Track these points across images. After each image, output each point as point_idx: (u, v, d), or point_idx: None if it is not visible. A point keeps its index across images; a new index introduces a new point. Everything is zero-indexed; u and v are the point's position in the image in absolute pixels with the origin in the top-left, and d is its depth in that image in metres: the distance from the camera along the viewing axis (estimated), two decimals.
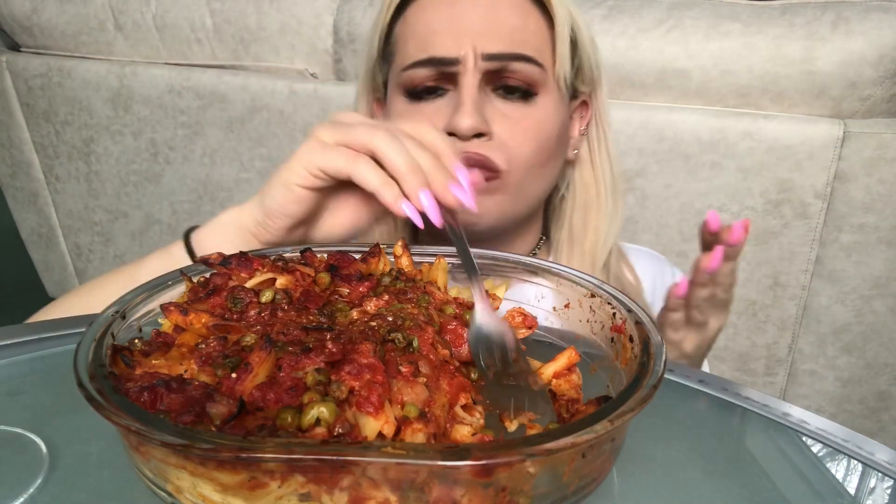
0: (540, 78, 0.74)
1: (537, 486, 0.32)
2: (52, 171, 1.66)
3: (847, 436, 0.47)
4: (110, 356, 0.37)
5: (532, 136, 0.75)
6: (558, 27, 0.75)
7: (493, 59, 0.72)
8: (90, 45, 1.50)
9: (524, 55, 0.73)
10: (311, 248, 0.52)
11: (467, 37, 0.72)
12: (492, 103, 0.74)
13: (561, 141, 0.80)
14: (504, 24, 0.73)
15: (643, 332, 0.41)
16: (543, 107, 0.76)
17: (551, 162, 0.79)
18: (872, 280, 1.06)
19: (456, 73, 0.72)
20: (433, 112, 0.74)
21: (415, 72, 0.74)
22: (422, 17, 0.75)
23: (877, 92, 1.01)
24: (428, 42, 0.73)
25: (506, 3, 0.74)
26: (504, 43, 0.72)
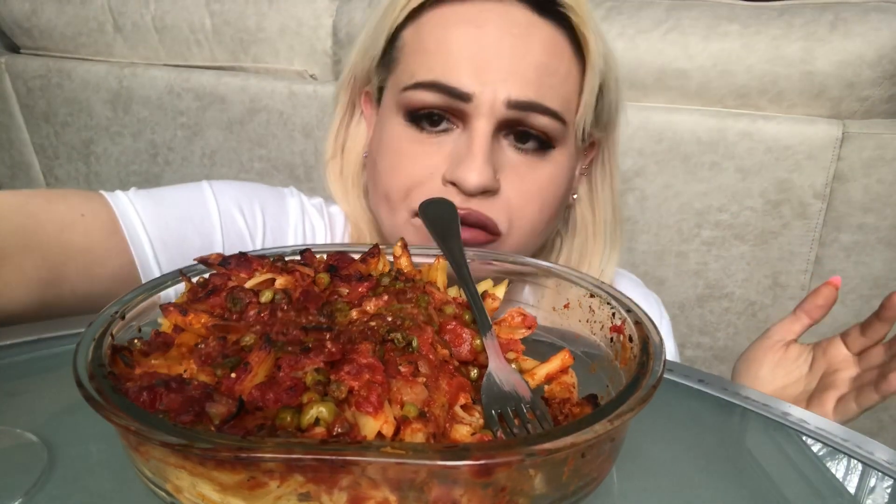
0: (559, 133, 0.66)
1: (537, 486, 0.32)
2: (51, 172, 1.66)
3: (846, 435, 0.47)
4: (110, 356, 0.37)
5: (539, 198, 0.67)
6: (589, 77, 0.66)
7: (516, 108, 0.63)
8: (89, 47, 1.50)
9: (550, 109, 0.64)
10: (310, 248, 0.52)
11: (490, 73, 0.62)
12: (503, 152, 0.65)
13: (567, 194, 0.73)
14: (535, 64, 0.63)
15: (642, 331, 0.41)
16: (557, 162, 0.68)
17: (554, 218, 0.72)
18: (872, 280, 1.06)
19: (467, 111, 0.63)
20: (435, 149, 0.65)
21: (419, 94, 0.64)
22: (440, 31, 0.65)
23: (875, 93, 1.01)
24: (441, 64, 0.63)
25: (540, 38, 0.64)
26: (531, 89, 0.63)
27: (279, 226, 0.78)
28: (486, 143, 0.63)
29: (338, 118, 0.79)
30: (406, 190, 0.66)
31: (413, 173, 0.66)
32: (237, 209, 0.74)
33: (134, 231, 0.67)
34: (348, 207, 0.81)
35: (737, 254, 1.12)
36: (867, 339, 0.69)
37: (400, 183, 0.67)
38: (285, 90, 1.33)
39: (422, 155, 0.66)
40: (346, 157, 0.80)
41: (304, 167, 1.38)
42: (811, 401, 0.70)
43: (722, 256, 1.14)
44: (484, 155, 0.62)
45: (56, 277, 0.60)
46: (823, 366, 0.72)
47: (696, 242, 1.14)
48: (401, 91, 0.67)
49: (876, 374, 0.66)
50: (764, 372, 0.75)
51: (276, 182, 1.42)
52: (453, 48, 0.63)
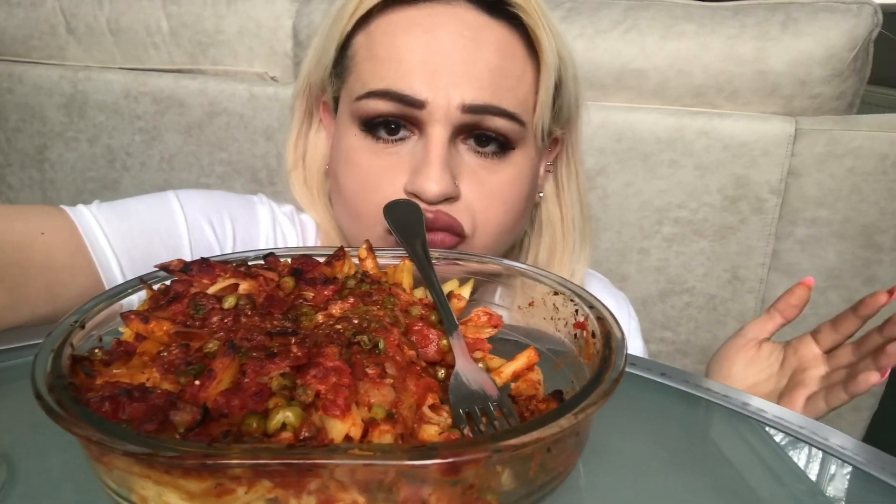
0: (518, 134, 0.65)
1: (504, 482, 0.32)
2: (3, 179, 1.61)
3: (803, 422, 0.49)
4: (69, 367, 0.36)
5: (503, 198, 0.67)
6: (544, 76, 0.65)
7: (471, 112, 0.62)
8: (41, 50, 1.47)
9: (506, 111, 0.63)
10: (273, 252, 0.51)
11: (443, 77, 0.61)
12: (461, 157, 0.65)
13: (531, 195, 0.72)
14: (488, 67, 0.62)
15: (605, 327, 0.41)
16: (517, 163, 0.67)
17: (521, 219, 0.72)
18: (826, 272, 1.10)
19: (422, 118, 0.62)
20: (394, 160, 0.65)
21: (371, 103, 0.64)
22: (390, 37, 0.64)
23: (826, 90, 1.04)
24: (392, 71, 0.63)
25: (492, 40, 0.63)
26: (486, 92, 0.62)
27: (250, 236, 0.76)
28: (442, 151, 0.62)
29: (296, 128, 0.78)
30: (375, 205, 0.64)
31: (380, 189, 0.65)
32: (205, 220, 0.72)
33: (99, 247, 0.64)
34: (317, 216, 0.80)
35: (696, 249, 1.15)
36: (838, 335, 0.71)
37: (371, 202, 0.65)
38: (245, 92, 1.31)
39: (383, 168, 0.65)
40: (309, 167, 0.78)
41: (266, 170, 1.36)
42: (782, 398, 0.71)
43: (682, 252, 1.16)
44: (441, 162, 0.62)
45: (15, 301, 0.57)
46: (794, 364, 0.73)
47: (657, 239, 1.16)
48: (354, 101, 0.66)
49: (845, 374, 0.67)
50: (736, 369, 0.76)
51: (238, 186, 1.40)
52: (404, 55, 0.62)
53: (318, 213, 0.79)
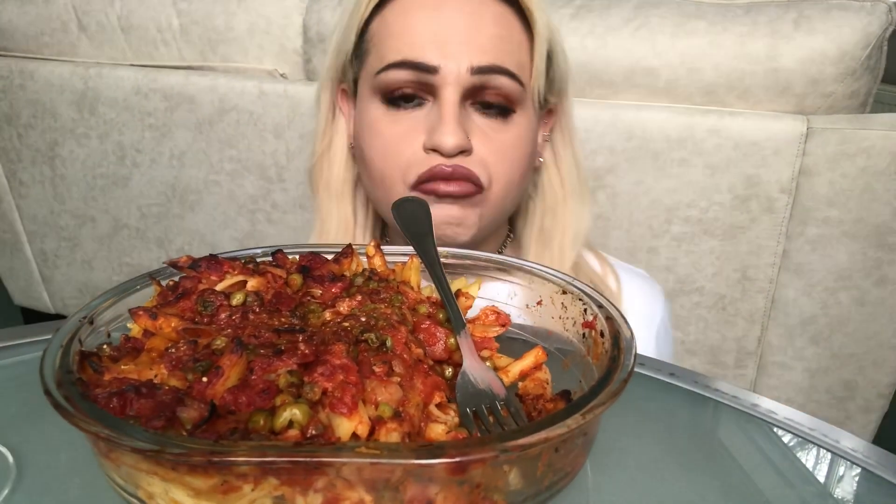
0: (519, 95, 0.73)
1: (512, 481, 0.32)
2: (15, 175, 1.62)
3: (814, 424, 0.48)
4: (78, 362, 0.36)
5: (510, 154, 0.74)
6: (538, 44, 0.74)
7: (478, 73, 0.70)
8: (53, 47, 1.47)
9: (508, 70, 0.71)
10: (282, 249, 0.51)
11: (451, 46, 0.70)
12: (471, 118, 0.73)
13: (533, 154, 0.80)
14: (489, 35, 0.71)
15: (613, 327, 0.41)
16: (519, 124, 0.75)
17: (525, 176, 0.79)
18: (837, 272, 1.09)
19: (435, 83, 0.70)
20: (412, 124, 0.72)
21: (391, 74, 0.71)
22: (403, 17, 0.72)
23: (838, 89, 1.03)
24: (407, 44, 0.71)
25: (491, 13, 0.72)
26: (489, 56, 0.70)
27: None
28: (455, 109, 0.70)
29: (323, 119, 0.83)
30: (399, 168, 0.73)
31: (400, 152, 0.72)
32: None
33: None
34: (327, 208, 0.84)
35: (706, 248, 1.14)
36: None
37: (392, 163, 0.73)
38: (255, 90, 1.31)
39: (402, 132, 0.72)
40: (333, 154, 0.84)
41: (275, 167, 1.37)
42: None
43: (692, 251, 1.15)
44: (455, 119, 0.70)
45: None
46: None
47: (666, 238, 1.16)
48: (374, 76, 0.73)
49: None
50: None
51: (247, 184, 1.41)
52: (416, 30, 0.71)
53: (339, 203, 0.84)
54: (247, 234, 1.48)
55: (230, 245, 1.49)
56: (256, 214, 1.44)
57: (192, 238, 1.53)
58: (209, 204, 1.47)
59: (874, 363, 1.13)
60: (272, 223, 1.44)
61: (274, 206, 1.42)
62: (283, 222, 1.42)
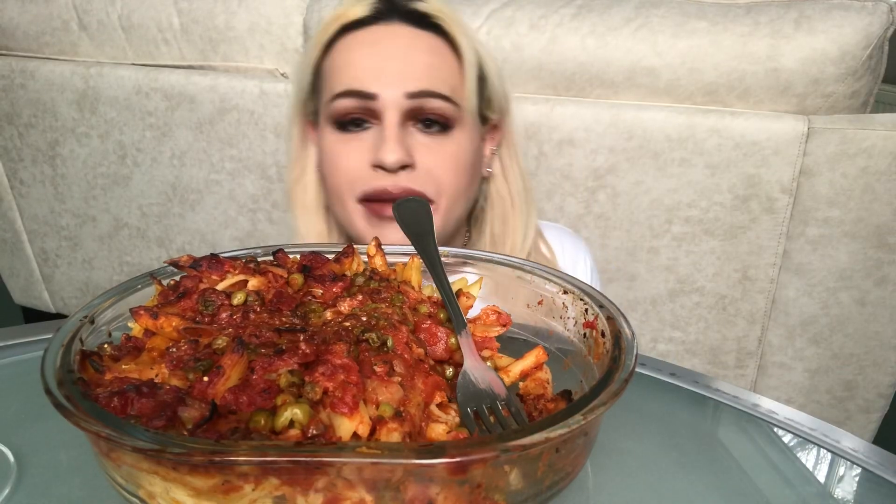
0: (454, 113, 0.82)
1: (512, 481, 0.32)
2: (15, 174, 1.62)
3: (814, 425, 0.48)
4: (79, 362, 0.36)
5: (453, 165, 0.82)
6: (466, 68, 0.83)
7: (413, 97, 0.79)
8: (54, 46, 1.47)
9: (439, 93, 0.80)
10: (283, 248, 0.51)
11: (388, 75, 0.79)
12: (413, 136, 0.81)
13: (476, 165, 0.88)
14: (422, 64, 0.80)
15: (614, 327, 0.41)
16: (459, 138, 0.83)
17: (472, 184, 0.88)
18: (837, 272, 1.09)
19: (377, 108, 0.79)
20: (360, 144, 0.81)
21: (338, 103, 0.81)
22: (346, 54, 0.82)
23: (839, 89, 1.03)
24: (350, 76, 0.80)
25: (423, 45, 0.82)
26: (422, 82, 0.79)
27: None
28: (395, 130, 0.79)
29: (295, 147, 0.93)
30: (348, 182, 0.82)
31: (349, 167, 0.82)
32: None
33: None
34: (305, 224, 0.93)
35: (707, 248, 1.14)
36: None
37: (343, 179, 0.82)
38: (256, 89, 1.31)
39: (351, 151, 0.82)
40: (307, 178, 0.93)
41: (276, 167, 1.37)
42: None
43: (692, 251, 1.15)
44: (395, 137, 0.78)
45: None
46: None
47: (666, 238, 1.15)
48: (327, 106, 0.83)
49: None
50: None
51: (248, 183, 1.41)
52: (357, 63, 0.81)
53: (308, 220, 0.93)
54: (247, 234, 1.48)
55: (231, 244, 1.49)
56: (257, 214, 1.44)
57: (192, 237, 1.53)
58: (210, 203, 1.47)
59: (874, 363, 1.13)
60: (273, 223, 1.44)
61: (274, 205, 1.42)
62: (284, 222, 1.42)
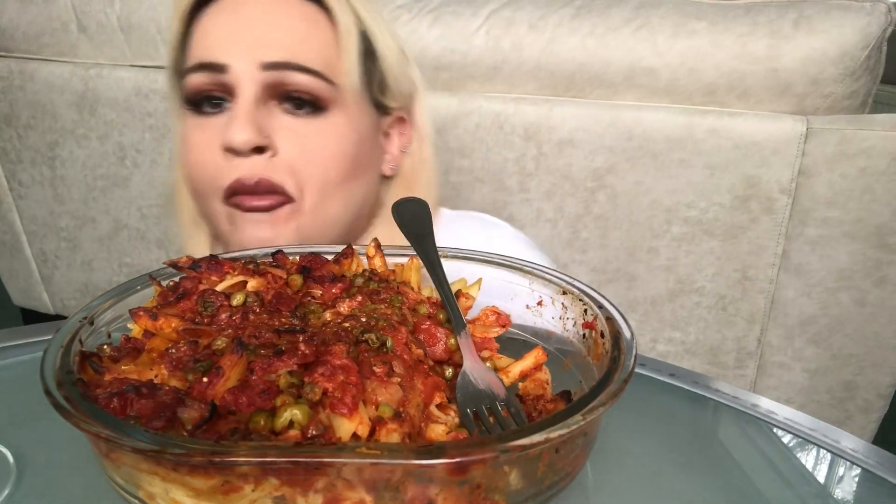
0: (328, 92, 0.69)
1: (512, 482, 0.32)
2: (14, 176, 1.62)
3: (813, 425, 0.48)
4: (78, 363, 0.36)
5: (322, 154, 0.70)
6: (342, 39, 0.70)
7: (271, 69, 0.67)
8: (53, 47, 1.47)
9: (304, 66, 0.68)
10: (282, 249, 0.51)
11: (242, 44, 0.68)
12: (276, 118, 0.69)
13: (362, 159, 0.74)
14: (285, 32, 0.69)
15: (614, 327, 0.41)
16: (334, 123, 0.70)
17: (354, 181, 0.73)
18: (837, 273, 1.09)
19: (229, 82, 0.68)
20: (214, 129, 0.69)
21: (190, 79, 0.70)
22: (205, 22, 0.71)
23: (838, 89, 1.03)
24: (202, 47, 0.69)
25: (289, 12, 0.70)
26: (283, 52, 0.68)
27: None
28: (248, 107, 0.66)
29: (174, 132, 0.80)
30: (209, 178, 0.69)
31: (206, 160, 0.69)
32: None
33: None
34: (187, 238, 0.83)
35: (706, 249, 1.14)
36: None
37: (202, 174, 0.70)
38: None
39: (206, 139, 0.69)
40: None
41: None
42: None
43: (692, 252, 1.15)
44: (246, 115, 0.66)
45: None
46: None
47: (666, 238, 1.15)
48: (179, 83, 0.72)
49: None
50: None
51: None
52: (211, 32, 0.70)
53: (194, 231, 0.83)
54: None
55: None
56: None
57: None
58: None
59: (874, 364, 1.13)
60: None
61: None
62: None
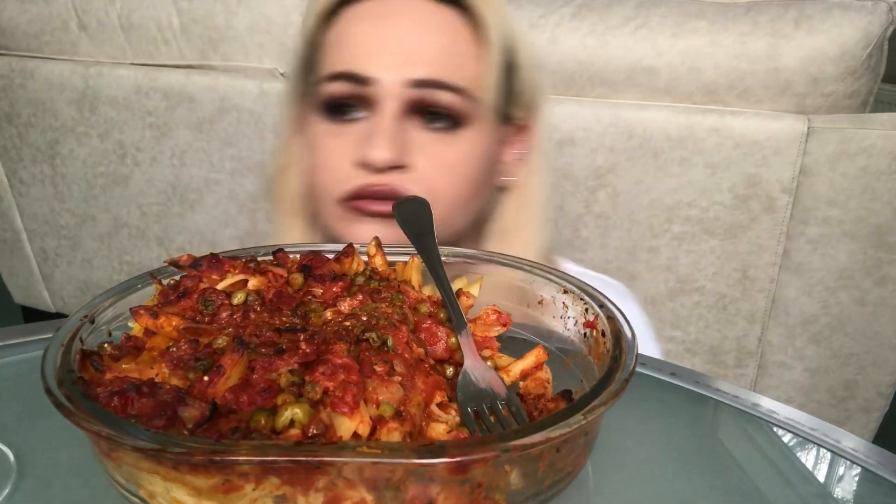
0: (467, 110, 0.68)
1: (513, 481, 0.32)
2: (15, 174, 1.62)
3: (814, 424, 0.48)
4: (79, 361, 0.36)
5: (455, 172, 0.69)
6: (490, 55, 0.69)
7: (418, 87, 0.66)
8: (53, 46, 1.47)
9: (451, 85, 0.67)
10: (283, 248, 0.51)
11: (389, 57, 0.66)
12: (412, 133, 0.68)
13: (488, 173, 0.74)
14: (433, 46, 0.67)
15: (615, 326, 0.41)
16: (469, 140, 0.70)
17: (477, 197, 0.73)
18: (837, 272, 1.09)
19: (373, 96, 0.67)
20: (349, 138, 0.68)
21: (329, 86, 0.69)
22: (346, 28, 0.69)
23: (839, 88, 1.03)
24: (346, 56, 0.68)
25: (437, 22, 0.68)
26: (430, 68, 0.66)
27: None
28: (389, 123, 0.66)
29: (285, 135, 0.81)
30: (331, 183, 0.69)
31: (333, 166, 0.69)
32: None
33: None
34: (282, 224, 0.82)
35: (707, 248, 1.14)
36: None
37: (325, 178, 0.70)
38: (255, 89, 1.31)
39: (338, 146, 0.69)
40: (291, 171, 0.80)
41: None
42: None
43: (692, 251, 1.15)
44: (388, 132, 0.65)
45: None
46: None
47: (666, 237, 1.15)
48: (315, 87, 0.71)
49: None
50: None
51: (248, 182, 1.41)
52: (356, 40, 0.68)
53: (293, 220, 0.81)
54: (247, 233, 1.47)
55: (231, 244, 1.49)
56: (257, 213, 1.44)
57: (192, 237, 1.53)
58: (210, 203, 1.47)
59: (874, 363, 1.13)
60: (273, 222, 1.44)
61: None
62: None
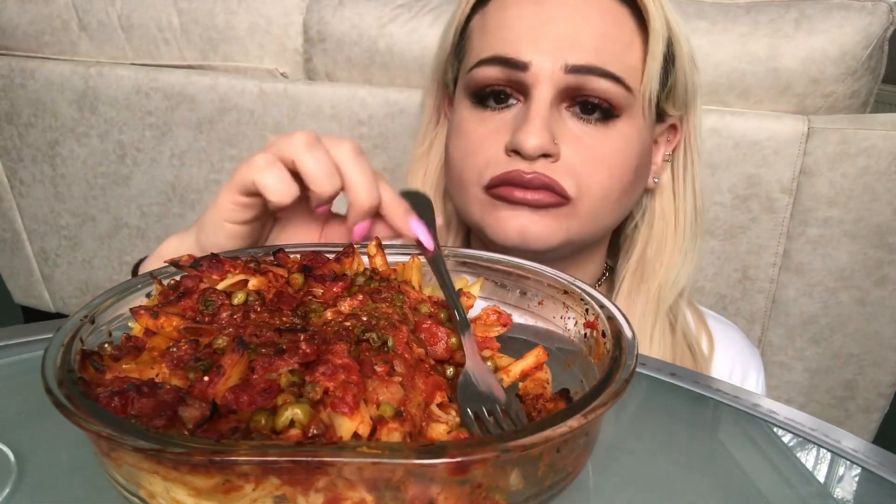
0: (624, 100, 0.66)
1: (513, 482, 0.32)
2: (15, 174, 1.62)
3: (814, 425, 0.48)
4: (79, 361, 0.36)
5: (606, 166, 0.67)
6: (652, 43, 0.66)
7: (575, 73, 0.64)
8: (53, 46, 1.47)
9: (610, 73, 0.64)
10: (283, 248, 0.51)
11: (546, 41, 0.64)
12: (564, 122, 0.66)
13: (640, 170, 0.71)
14: (592, 31, 0.65)
15: (615, 327, 0.41)
16: (623, 133, 0.67)
17: (628, 193, 0.70)
18: (837, 272, 1.09)
19: (526, 81, 0.65)
20: (499, 124, 0.67)
21: (481, 71, 0.67)
22: (501, 12, 0.67)
23: (839, 88, 1.03)
24: (500, 40, 0.66)
25: (598, 8, 0.66)
26: (589, 54, 0.64)
27: None
28: (544, 109, 0.64)
29: (424, 122, 0.81)
30: (477, 168, 0.68)
31: (481, 152, 0.68)
32: None
33: None
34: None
35: (707, 249, 1.14)
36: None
37: (471, 163, 0.69)
38: (255, 89, 1.31)
39: (487, 132, 0.68)
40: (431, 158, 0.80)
41: None
42: None
43: None
44: (541, 119, 0.64)
45: None
46: None
47: None
48: (466, 74, 0.70)
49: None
50: None
51: None
52: (512, 24, 0.66)
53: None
54: None
55: None
56: None
57: None
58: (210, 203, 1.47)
59: (875, 363, 1.13)
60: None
61: None
62: None
